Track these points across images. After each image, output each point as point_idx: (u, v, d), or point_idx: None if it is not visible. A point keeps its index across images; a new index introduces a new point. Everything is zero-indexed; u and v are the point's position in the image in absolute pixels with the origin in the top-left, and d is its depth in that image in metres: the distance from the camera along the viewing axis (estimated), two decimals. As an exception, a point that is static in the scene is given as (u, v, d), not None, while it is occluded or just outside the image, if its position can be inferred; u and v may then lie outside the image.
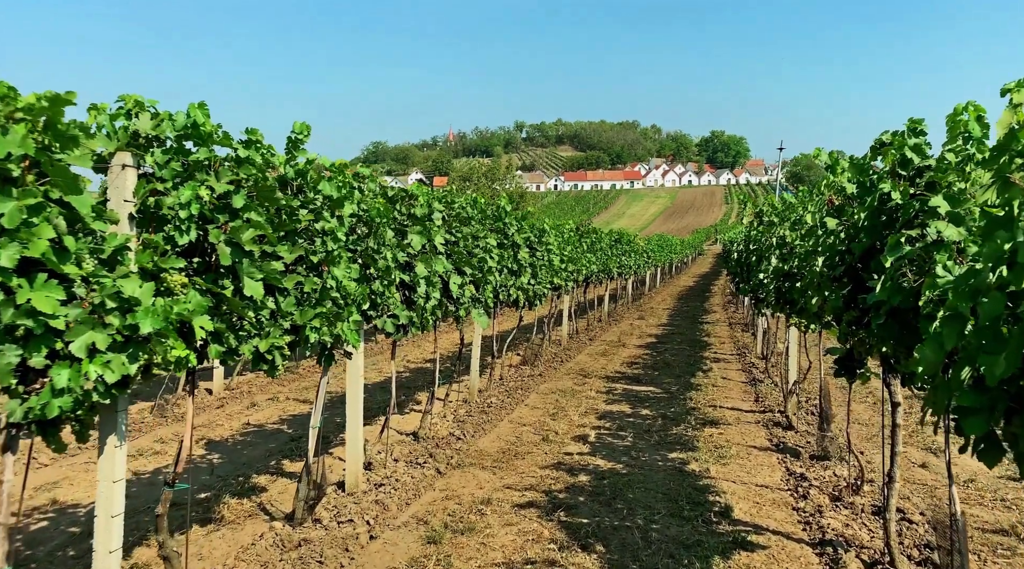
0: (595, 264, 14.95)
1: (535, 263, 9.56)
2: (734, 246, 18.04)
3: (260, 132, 3.38)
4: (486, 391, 9.07)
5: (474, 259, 7.14)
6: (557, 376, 10.54)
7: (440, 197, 6.58)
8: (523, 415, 7.96)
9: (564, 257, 11.79)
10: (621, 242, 18.53)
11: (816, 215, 4.86)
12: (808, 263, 5.18)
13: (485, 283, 7.44)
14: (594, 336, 15.08)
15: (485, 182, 72.04)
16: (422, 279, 5.65)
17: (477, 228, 7.35)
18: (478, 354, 8.56)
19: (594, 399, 8.84)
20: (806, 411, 7.78)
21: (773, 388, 9.24)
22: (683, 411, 8.15)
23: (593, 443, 6.79)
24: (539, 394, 9.16)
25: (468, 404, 8.36)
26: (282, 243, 3.75)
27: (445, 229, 6.52)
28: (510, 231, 8.35)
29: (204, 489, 5.56)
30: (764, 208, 8.10)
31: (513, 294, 8.86)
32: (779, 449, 6.50)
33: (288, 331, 3.90)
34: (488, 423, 7.49)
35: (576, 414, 7.98)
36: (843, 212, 4.33)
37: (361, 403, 5.34)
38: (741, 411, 8.14)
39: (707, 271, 45.25)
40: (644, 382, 10.07)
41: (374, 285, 4.89)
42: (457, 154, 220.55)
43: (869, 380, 4.54)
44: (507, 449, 6.57)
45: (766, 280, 7.64)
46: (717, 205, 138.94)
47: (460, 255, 6.63)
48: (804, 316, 5.90)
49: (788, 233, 5.95)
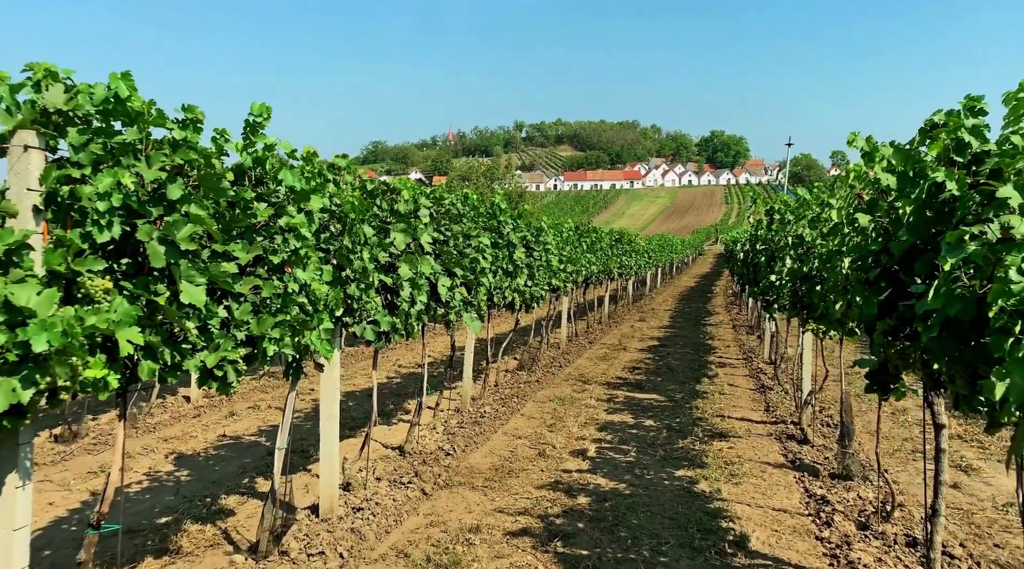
0: (595, 264, 14.44)
1: (532, 264, 9.06)
2: (738, 246, 17.54)
3: (200, 110, 2.87)
4: (480, 399, 8.57)
5: (465, 260, 6.64)
6: (555, 382, 10.03)
7: (428, 192, 6.08)
8: (518, 426, 7.45)
9: (563, 257, 11.29)
10: (622, 242, 18.04)
11: (843, 211, 4.37)
12: (831, 264, 4.68)
13: (478, 285, 6.94)
14: (594, 339, 14.58)
15: (484, 182, 71.53)
16: (406, 282, 5.14)
17: (469, 226, 6.84)
18: (471, 360, 8.05)
19: (594, 408, 8.33)
20: (821, 423, 7.28)
21: (784, 396, 8.73)
22: (689, 422, 7.65)
23: (593, 458, 6.28)
24: (536, 402, 8.66)
25: (460, 414, 7.85)
26: (236, 241, 3.25)
27: (433, 227, 6.01)
28: (505, 230, 7.84)
29: (166, 512, 5.05)
30: (776, 205, 7.59)
31: (508, 296, 8.35)
32: (795, 466, 5.99)
33: (243, 342, 3.40)
34: (481, 435, 6.98)
35: (575, 425, 7.47)
36: (876, 207, 3.83)
37: (337, 418, 4.83)
38: (751, 422, 7.64)
39: (708, 271, 44.77)
40: (647, 389, 9.56)
41: (350, 289, 4.38)
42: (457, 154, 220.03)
43: (904, 397, 4.03)
44: (500, 465, 6.06)
45: (779, 282, 7.13)
46: (717, 205, 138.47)
47: (450, 255, 6.13)
48: (824, 322, 5.40)
49: (807, 231, 5.45)
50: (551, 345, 13.23)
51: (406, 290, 5.10)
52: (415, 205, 5.72)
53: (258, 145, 3.52)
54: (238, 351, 3.33)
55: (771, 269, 8.14)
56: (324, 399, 4.78)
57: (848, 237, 4.49)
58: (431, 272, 5.89)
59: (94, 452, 6.50)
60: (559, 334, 13.58)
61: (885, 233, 3.82)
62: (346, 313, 4.53)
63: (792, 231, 6.14)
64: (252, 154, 3.49)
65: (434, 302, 6.09)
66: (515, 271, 8.31)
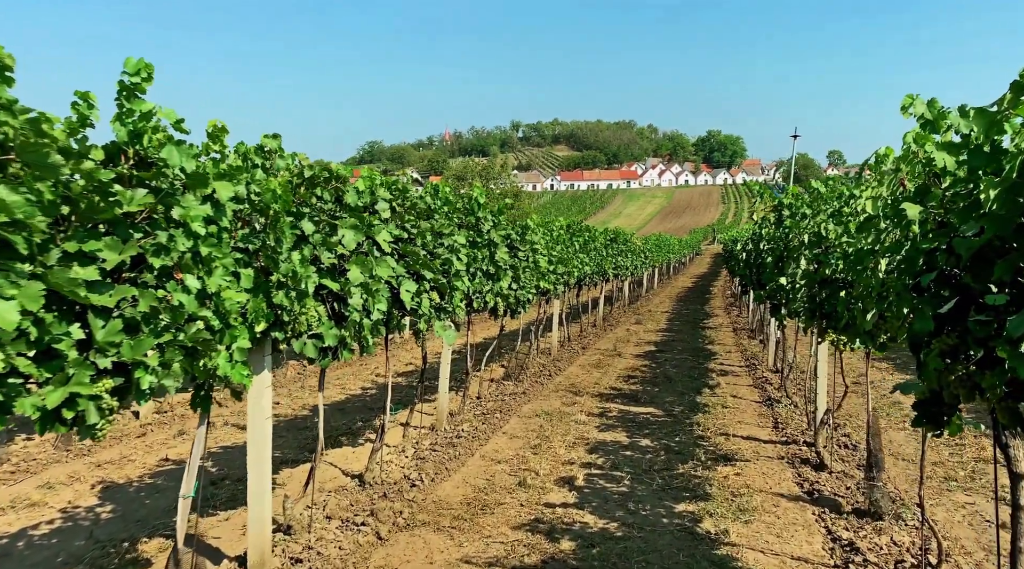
0: (588, 265, 13.65)
1: (517, 265, 8.26)
2: (738, 246, 16.76)
3: (11, 56, 2.07)
4: (459, 414, 7.76)
5: (436, 261, 5.84)
6: (544, 394, 9.23)
7: (390, 182, 5.28)
8: (499, 447, 6.65)
9: (553, 258, 10.49)
10: (617, 241, 17.24)
11: (879, 201, 3.60)
12: (862, 266, 3.89)
13: (452, 289, 6.14)
14: (587, 344, 13.78)
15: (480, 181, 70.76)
16: (356, 287, 4.33)
17: (442, 223, 6.04)
18: (447, 373, 7.25)
19: (584, 425, 7.53)
20: (838, 443, 6.48)
21: (793, 411, 7.94)
22: (690, 441, 6.85)
23: (581, 488, 5.48)
24: (521, 418, 7.85)
25: (435, 433, 7.04)
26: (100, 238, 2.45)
27: (396, 223, 5.21)
28: (484, 227, 7.04)
29: (69, 562, 4.24)
30: (787, 199, 6.80)
31: (490, 301, 7.55)
32: (813, 499, 5.19)
33: (112, 371, 2.60)
34: (455, 460, 6.18)
35: (562, 446, 6.67)
36: (928, 195, 3.04)
37: (267, 453, 4.02)
38: (759, 441, 6.84)
39: (706, 271, 44.03)
40: (643, 401, 8.77)
41: (276, 297, 3.57)
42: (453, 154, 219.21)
43: (961, 431, 3.24)
44: (473, 498, 5.26)
45: (790, 286, 6.34)
46: (714, 205, 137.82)
47: (416, 256, 5.33)
48: (848, 333, 4.61)
49: (830, 227, 4.65)
50: (541, 351, 12.44)
51: (356, 297, 4.29)
52: (372, 197, 4.92)
53: (136, 113, 2.71)
54: (102, 383, 2.54)
55: (780, 271, 7.36)
56: (251, 431, 3.97)
57: (885, 233, 3.70)
58: (392, 275, 5.10)
59: (9, 482, 5.68)
60: (550, 339, 12.78)
61: (940, 227, 3.04)
62: (275, 326, 3.73)
63: (809, 227, 5.34)
64: (128, 125, 2.69)
65: (397, 309, 5.29)
66: (497, 273, 7.51)
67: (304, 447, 6.81)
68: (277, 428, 7.56)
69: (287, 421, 7.85)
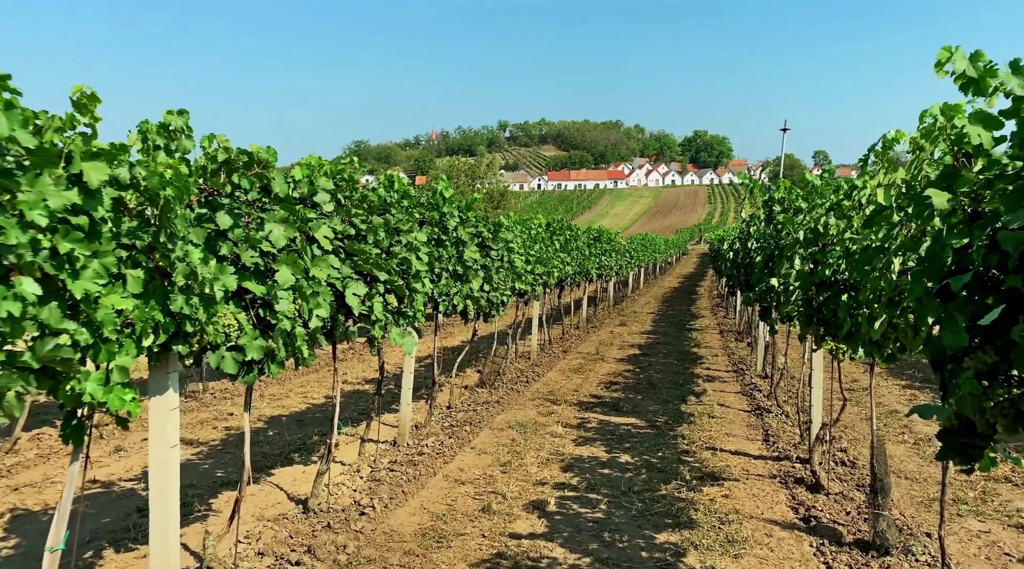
0: (570, 265, 13.09)
1: (489, 265, 7.68)
2: (725, 245, 16.27)
3: None
4: (425, 427, 7.17)
5: (393, 260, 5.24)
6: (519, 402, 8.65)
7: (334, 171, 4.68)
8: (465, 465, 6.06)
9: (530, 258, 9.92)
10: (600, 241, 16.70)
11: (893, 190, 3.05)
12: (870, 266, 3.35)
13: (411, 292, 5.55)
14: (569, 347, 13.22)
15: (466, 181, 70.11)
16: (285, 291, 3.73)
17: (399, 218, 5.44)
18: (411, 383, 6.65)
19: (561, 438, 6.96)
20: (834, 460, 5.95)
21: (784, 422, 7.41)
22: (674, 457, 6.30)
23: (552, 515, 4.91)
24: (492, 430, 7.27)
25: (396, 448, 6.45)
26: None
27: (341, 218, 4.61)
28: (450, 224, 6.45)
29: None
30: (778, 193, 6.26)
31: (459, 304, 6.97)
32: (810, 527, 4.64)
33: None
34: (415, 480, 5.59)
35: (535, 463, 6.10)
36: (958, 181, 2.49)
37: (173, 486, 3.40)
38: (748, 457, 6.30)
39: (692, 271, 43.68)
40: (624, 410, 8.21)
41: (174, 303, 2.96)
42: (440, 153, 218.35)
43: (995, 466, 2.70)
44: (430, 528, 4.67)
45: (781, 287, 5.81)
46: (701, 205, 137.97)
47: (366, 255, 4.73)
48: (852, 342, 4.06)
49: (832, 221, 4.09)
50: (520, 356, 11.87)
51: (285, 302, 3.69)
52: (311, 188, 4.32)
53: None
54: None
55: (770, 271, 6.83)
56: (153, 463, 3.35)
57: (899, 227, 3.15)
58: (337, 277, 4.50)
59: (-95, 511, 5.02)
60: (529, 343, 12.21)
61: (973, 219, 2.49)
62: (176, 338, 3.12)
63: (804, 223, 4.80)
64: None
65: (344, 315, 4.70)
66: (466, 274, 6.92)
67: (252, 466, 6.18)
68: (226, 443, 6.94)
69: (238, 435, 7.22)
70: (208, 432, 7.35)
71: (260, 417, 8.04)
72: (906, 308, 3.22)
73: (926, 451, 6.42)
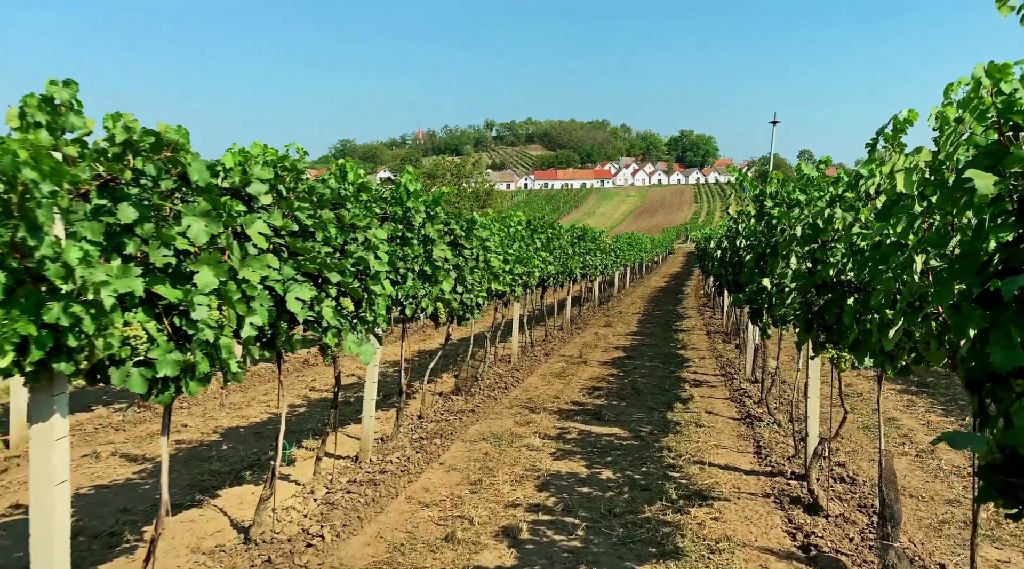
0: (552, 265, 12.60)
1: (462, 264, 7.16)
2: (712, 243, 15.84)
3: None
4: (392, 440, 6.65)
5: (347, 261, 4.72)
6: (496, 410, 8.14)
7: (275, 159, 4.15)
8: (431, 484, 5.54)
9: (509, 257, 9.41)
10: (585, 239, 16.21)
11: (916, 176, 2.57)
12: (886, 265, 2.87)
13: (370, 295, 5.02)
14: (551, 350, 12.72)
15: (451, 179, 69.52)
16: (205, 295, 3.20)
17: (355, 213, 4.92)
18: (373, 394, 6.12)
19: (538, 450, 6.46)
20: (832, 476, 5.49)
21: (777, 431, 6.95)
22: (659, 472, 5.81)
23: (524, 543, 4.40)
24: (465, 442, 6.76)
25: (358, 465, 5.92)
26: None
27: (283, 212, 4.08)
28: (416, 220, 5.92)
29: None
30: (771, 185, 5.79)
31: (428, 307, 6.45)
32: (810, 558, 4.16)
33: None
34: (374, 503, 5.06)
35: (508, 480, 5.59)
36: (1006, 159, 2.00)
37: (59, 526, 2.86)
38: (739, 472, 5.82)
39: (679, 270, 43.38)
40: (607, 419, 7.72)
41: (49, 312, 2.43)
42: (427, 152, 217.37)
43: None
44: (385, 561, 4.15)
45: (773, 288, 5.35)
46: (687, 204, 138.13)
47: (312, 253, 4.20)
48: (859, 351, 3.58)
49: (838, 214, 3.59)
50: (500, 359, 11.36)
51: (201, 309, 3.15)
52: (243, 177, 3.79)
53: None
54: None
55: (761, 271, 6.37)
56: (35, 502, 2.81)
57: (919, 219, 2.67)
58: (277, 279, 3.98)
59: None
60: (510, 346, 11.70)
61: (1023, 207, 2.03)
62: (55, 355, 2.58)
63: (802, 217, 4.32)
64: None
65: (287, 322, 4.16)
66: (435, 274, 6.40)
67: (196, 485, 5.63)
68: (174, 459, 6.37)
69: (189, 450, 6.66)
70: (156, 446, 6.77)
71: (216, 428, 7.48)
72: (929, 315, 2.75)
73: (929, 464, 5.97)
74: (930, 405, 8.35)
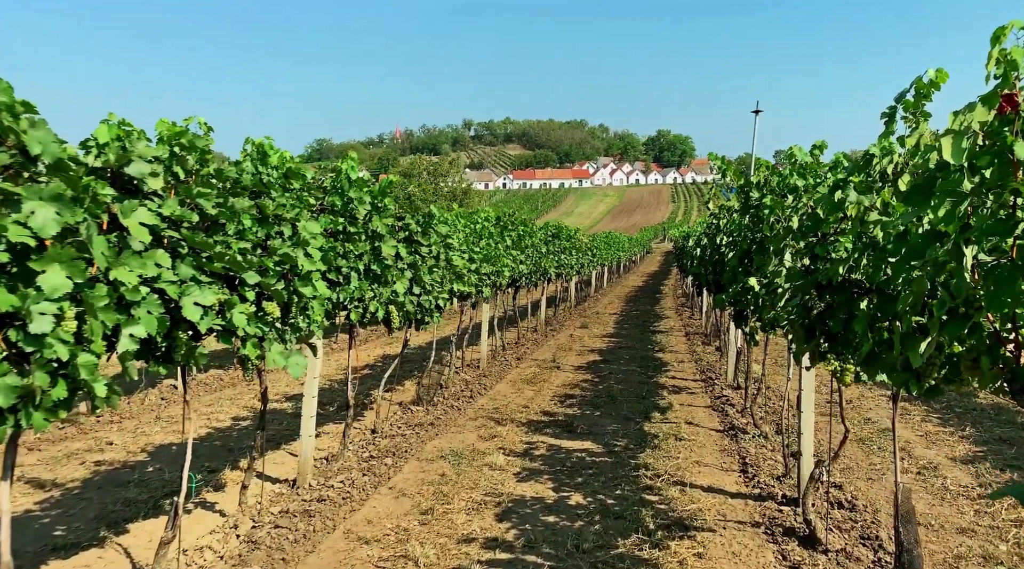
0: (524, 264, 11.94)
1: (418, 263, 6.48)
2: (691, 241, 15.30)
3: None
4: (338, 459, 5.94)
5: (269, 258, 4.02)
6: (459, 423, 7.46)
7: (171, 134, 3.44)
8: (376, 514, 4.85)
9: (475, 255, 8.74)
10: (559, 238, 15.59)
11: (965, 142, 1.95)
12: (919, 260, 2.24)
13: (300, 300, 4.32)
14: (523, 354, 12.07)
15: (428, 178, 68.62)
16: (52, 302, 2.48)
17: (280, 203, 4.21)
18: (313, 411, 5.41)
19: (501, 470, 5.79)
20: (828, 500, 4.89)
21: (763, 445, 6.36)
22: (635, 495, 5.18)
23: (475, 591, 3.73)
24: (421, 461, 6.07)
25: (295, 491, 5.21)
26: None
27: (179, 200, 3.36)
28: (360, 213, 5.22)
29: None
30: (757, 175, 5.18)
31: (376, 310, 5.75)
32: (811, 606, 3.54)
33: None
34: (306, 540, 4.35)
35: (464, 508, 4.92)
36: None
37: None
38: (724, 495, 5.21)
39: (656, 270, 43.03)
40: (579, 431, 7.08)
41: None
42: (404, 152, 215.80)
43: None
44: (307, 619, 3.46)
45: (763, 288, 4.74)
46: (664, 203, 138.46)
47: (213, 248, 3.49)
48: (873, 367, 2.96)
49: (853, 197, 2.93)
50: (468, 364, 10.68)
51: (43, 321, 2.44)
52: (122, 155, 3.07)
53: None
54: None
55: (746, 269, 5.78)
56: None
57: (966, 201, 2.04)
58: (173, 279, 3.27)
59: None
60: (479, 349, 11.02)
61: None
62: None
63: (799, 207, 3.70)
64: None
65: (189, 332, 3.45)
66: (385, 274, 5.71)
67: (105, 517, 4.88)
68: (88, 484, 5.61)
69: (109, 473, 5.89)
70: (72, 468, 6.00)
71: (146, 446, 6.71)
72: (978, 324, 2.12)
73: (933, 484, 5.41)
74: (925, 413, 7.82)
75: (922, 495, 5.21)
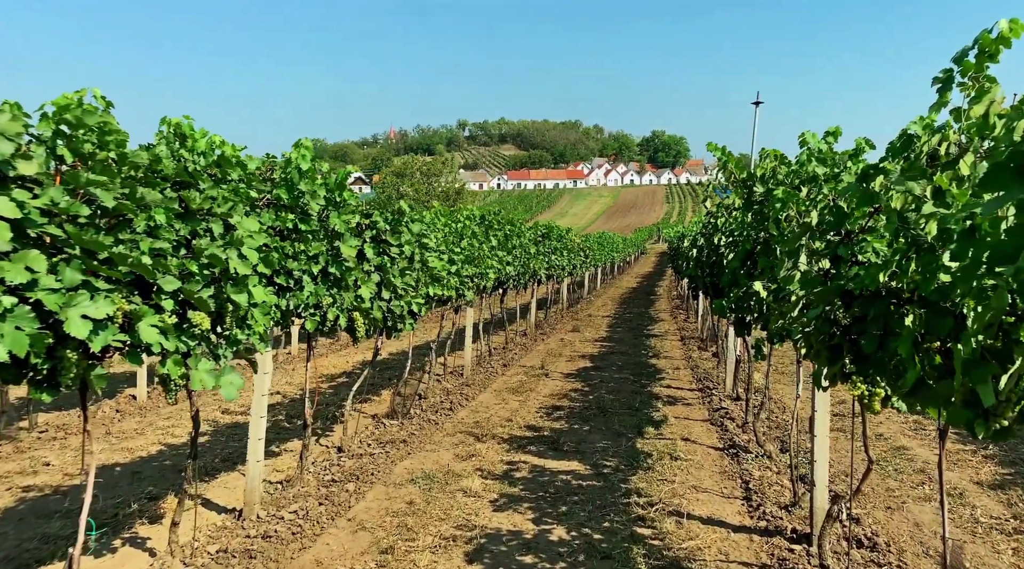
0: (512, 265, 11.33)
1: (386, 265, 5.86)
2: (686, 242, 14.73)
3: None
4: (294, 485, 5.32)
5: (193, 263, 3.40)
6: (435, 439, 6.85)
7: (59, 109, 2.82)
8: (328, 553, 4.23)
9: (456, 257, 8.13)
10: (550, 238, 14.98)
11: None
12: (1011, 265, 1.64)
13: (235, 308, 3.71)
14: (510, 360, 11.46)
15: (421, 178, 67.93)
16: None
17: (211, 194, 3.60)
18: (261, 434, 4.78)
19: (477, 497, 5.18)
20: (847, 536, 4.29)
21: (768, 466, 5.76)
22: (625, 529, 4.57)
23: (432, 658, 3.12)
24: (387, 486, 5.45)
25: (240, 524, 4.59)
26: None
27: (64, 190, 2.75)
28: (312, 209, 4.60)
29: None
30: (760, 167, 4.59)
31: (336, 317, 5.14)
32: None
33: None
34: (240, 588, 3.74)
35: (431, 546, 4.30)
36: None
37: None
38: (727, 528, 4.60)
39: (651, 271, 42.46)
40: (566, 449, 6.48)
41: None
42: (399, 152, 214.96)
43: None
44: None
45: (770, 295, 4.16)
46: (659, 204, 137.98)
47: (108, 249, 2.87)
48: (922, 398, 2.36)
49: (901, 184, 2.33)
50: (451, 372, 10.07)
51: None
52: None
53: None
54: None
55: (749, 272, 5.20)
56: None
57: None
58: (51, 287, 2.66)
59: None
60: (463, 356, 10.40)
61: None
62: None
63: (819, 200, 3.12)
64: None
65: (75, 350, 2.83)
66: (344, 278, 5.09)
67: (16, 559, 4.24)
68: (9, 514, 4.97)
69: (36, 501, 5.26)
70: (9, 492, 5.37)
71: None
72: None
73: (962, 515, 4.81)
74: (930, 428, 7.24)
75: (950, 529, 4.62)
